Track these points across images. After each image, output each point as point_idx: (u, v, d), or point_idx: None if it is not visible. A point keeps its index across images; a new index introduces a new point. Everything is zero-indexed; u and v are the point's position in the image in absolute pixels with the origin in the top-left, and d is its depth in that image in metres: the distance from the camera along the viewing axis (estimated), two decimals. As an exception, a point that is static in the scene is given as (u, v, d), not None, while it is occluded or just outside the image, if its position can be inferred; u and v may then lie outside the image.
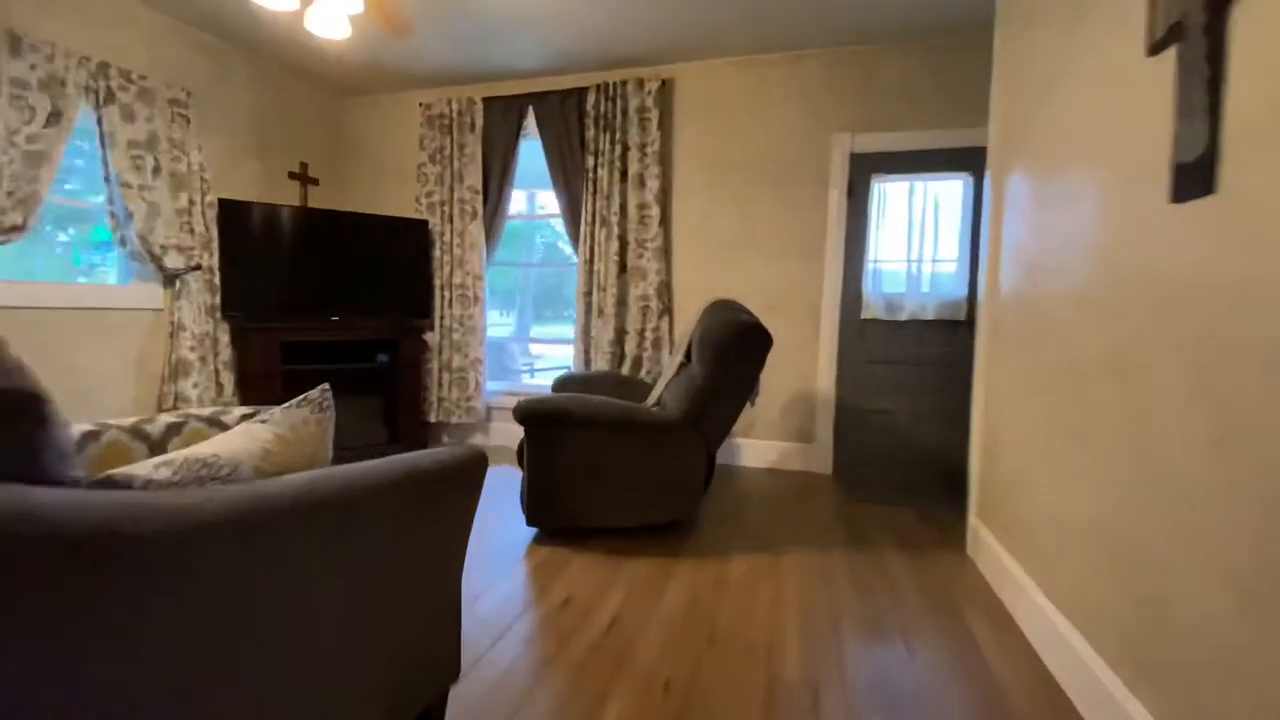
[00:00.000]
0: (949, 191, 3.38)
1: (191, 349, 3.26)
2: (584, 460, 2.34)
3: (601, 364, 3.69)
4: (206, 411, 1.18)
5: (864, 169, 3.45)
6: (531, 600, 1.98)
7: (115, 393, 3.05)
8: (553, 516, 2.41)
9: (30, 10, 2.59)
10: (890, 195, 3.46)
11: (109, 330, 3.01)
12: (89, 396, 2.93)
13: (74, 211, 3.13)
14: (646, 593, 2.02)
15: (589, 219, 3.71)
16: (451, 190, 3.98)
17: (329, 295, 3.72)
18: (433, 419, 4.06)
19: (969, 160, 3.26)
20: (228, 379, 3.46)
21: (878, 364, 3.50)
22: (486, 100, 3.92)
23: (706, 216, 3.66)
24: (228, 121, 3.56)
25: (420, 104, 4.04)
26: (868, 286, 3.48)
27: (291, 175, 4.02)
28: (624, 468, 2.35)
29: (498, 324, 5.15)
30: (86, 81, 2.77)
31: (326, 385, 1.11)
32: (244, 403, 3.50)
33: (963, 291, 3.36)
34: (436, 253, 4.04)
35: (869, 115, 3.39)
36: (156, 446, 1.04)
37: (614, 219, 3.63)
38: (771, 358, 3.51)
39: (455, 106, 3.93)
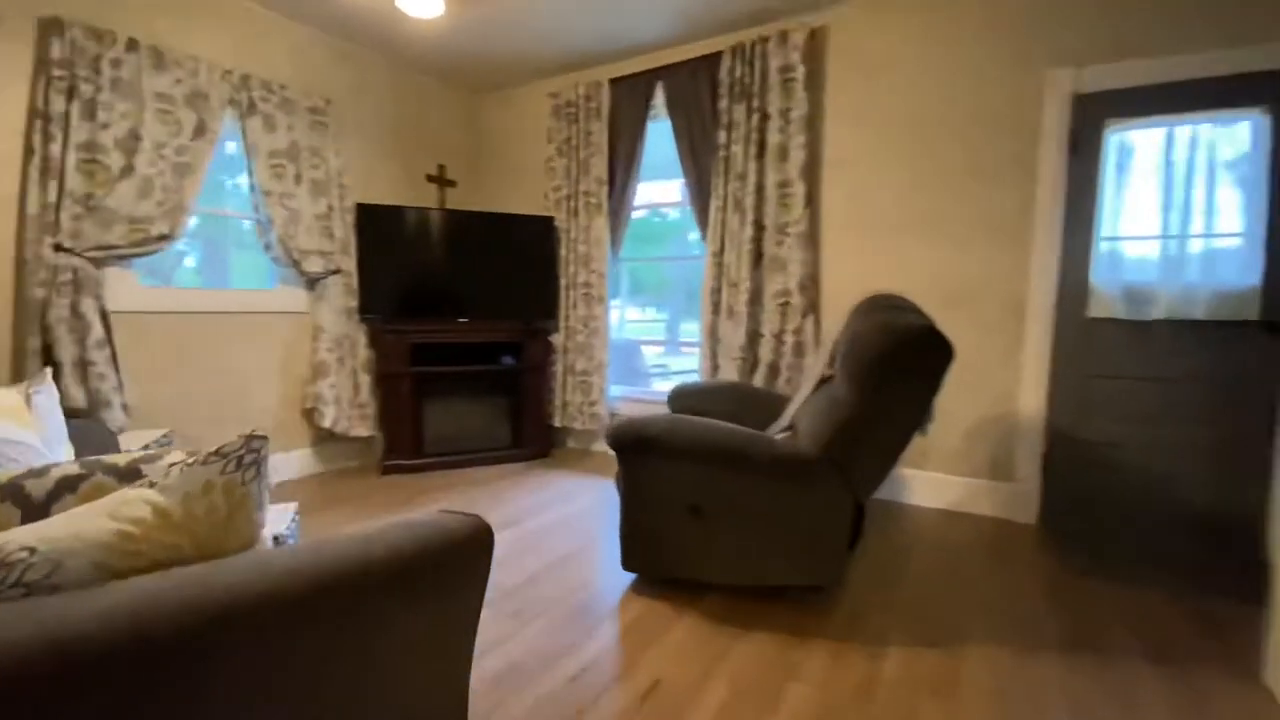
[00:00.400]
0: (1230, 137, 2.35)
1: (329, 350, 3.35)
2: (683, 498, 1.87)
3: (730, 372, 3.18)
4: (125, 460, 0.93)
5: (1093, 114, 2.52)
6: (613, 677, 1.57)
7: (264, 391, 3.21)
8: (651, 563, 1.98)
9: (173, 27, 2.75)
10: (1136, 147, 2.49)
11: (257, 332, 3.17)
12: (241, 393, 3.11)
13: (221, 220, 3.36)
14: (758, 693, 1.50)
15: (720, 203, 3.21)
16: (577, 183, 3.72)
17: (458, 297, 3.66)
18: (558, 423, 3.85)
19: (1262, 90, 2.23)
20: (364, 381, 3.53)
21: (1111, 379, 2.56)
22: (613, 82, 3.59)
23: (864, 192, 2.97)
24: (366, 127, 3.63)
25: (549, 94, 3.84)
26: (1098, 274, 2.56)
27: (429, 178, 4.05)
28: (735, 512, 1.84)
29: (640, 320, 4.85)
30: (230, 94, 2.90)
31: (261, 433, 0.78)
32: (381, 406, 3.55)
33: (1254, 278, 2.32)
34: (562, 251, 3.82)
35: (1101, 39, 2.47)
36: (36, 511, 0.81)
37: (749, 201, 3.09)
38: (955, 370, 2.74)
39: (582, 91, 3.66)
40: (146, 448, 2.16)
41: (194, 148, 2.74)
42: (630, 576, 2.10)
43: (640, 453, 1.88)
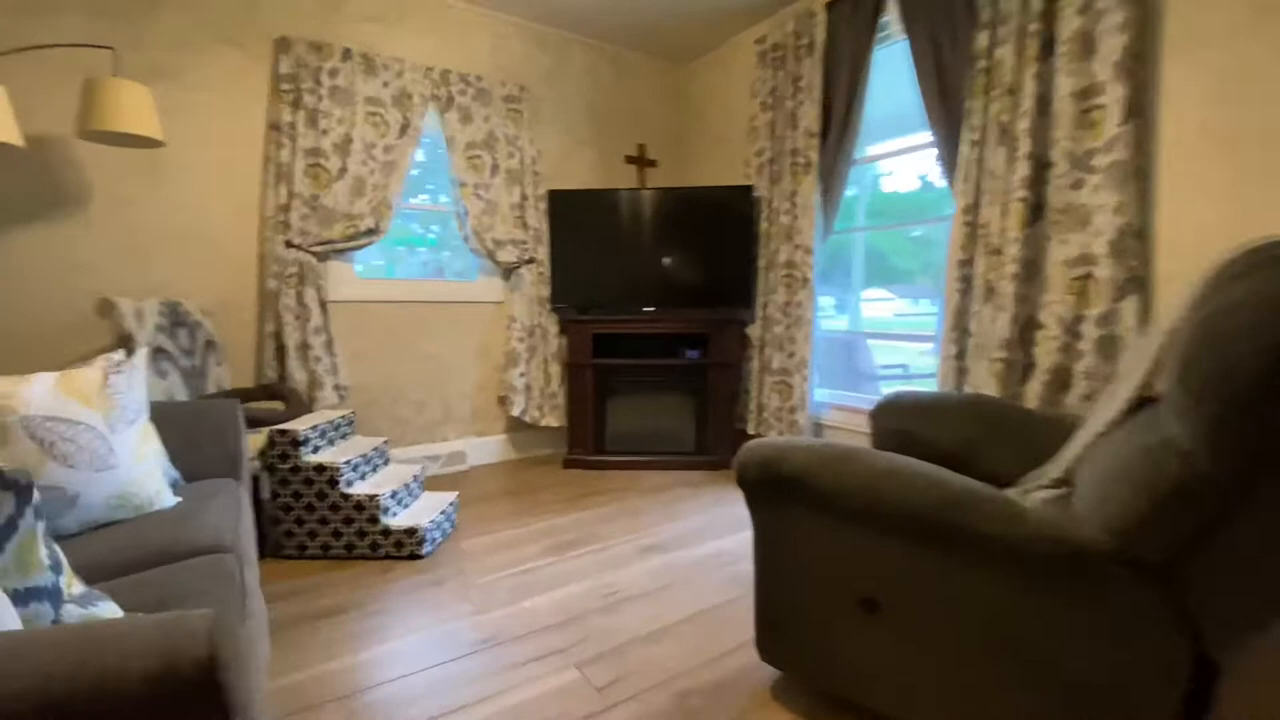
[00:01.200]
0: None
1: (520, 340, 3.32)
2: (846, 580, 1.17)
3: (986, 380, 2.21)
4: None
5: None
6: None
7: (462, 378, 3.32)
8: (796, 661, 1.32)
9: (380, 32, 2.91)
10: None
11: (460, 321, 3.28)
12: (442, 379, 3.25)
13: (420, 214, 3.54)
14: None
15: (975, 135, 2.25)
16: (783, 140, 3.07)
17: (645, 283, 3.34)
18: (751, 430, 3.26)
19: None
20: (555, 371, 3.44)
21: None
22: (830, 5, 2.84)
23: (1240, 88, 1.73)
24: (563, 112, 3.53)
25: (755, 41, 3.25)
26: None
27: (629, 159, 3.80)
28: (941, 620, 1.08)
29: (879, 300, 3.94)
30: (431, 90, 2.99)
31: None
32: (569, 396, 3.43)
33: None
34: (762, 224, 3.20)
35: None
36: None
37: (1022, 126, 2.08)
38: None
39: (791, 29, 2.99)
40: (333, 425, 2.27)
41: (399, 146, 2.89)
42: (771, 670, 1.46)
43: (772, 496, 1.24)
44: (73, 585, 0.84)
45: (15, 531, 0.74)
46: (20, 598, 0.73)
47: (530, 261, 3.34)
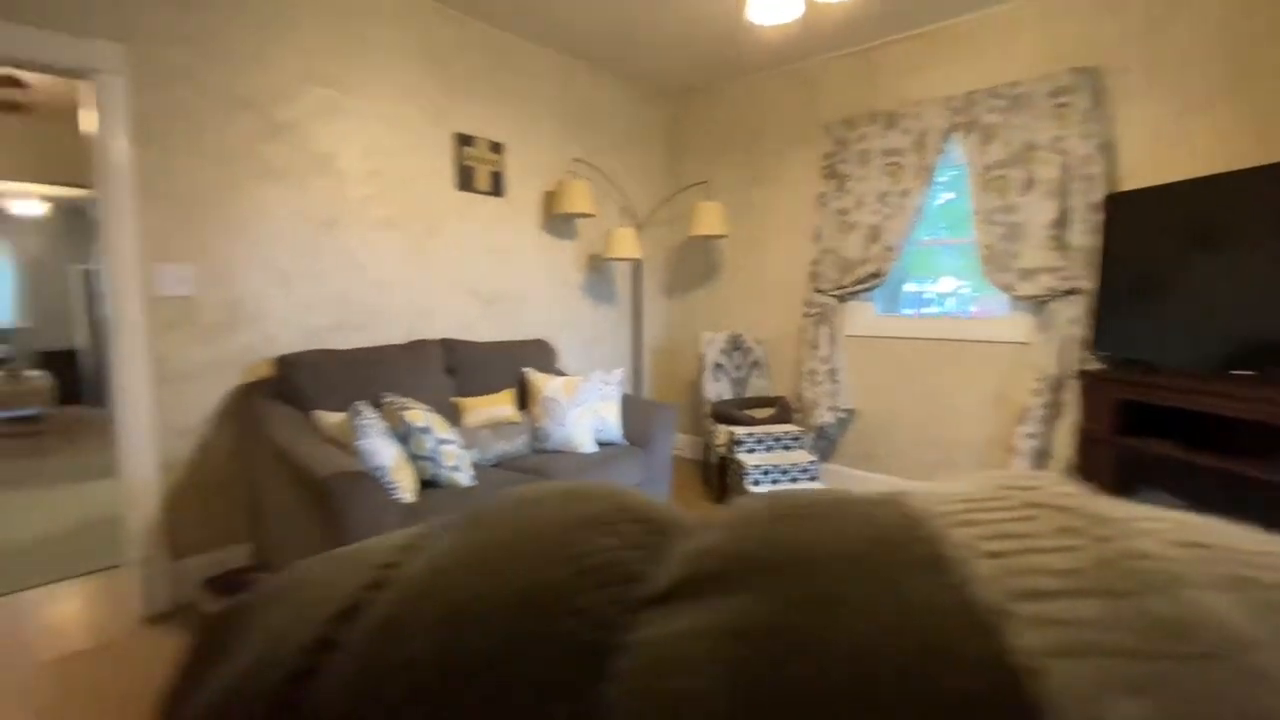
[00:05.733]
0: None
1: (1038, 392, 2.68)
2: None
3: None
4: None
5: None
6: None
7: (971, 424, 3.00)
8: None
9: (908, 83, 2.98)
10: None
11: (973, 363, 2.98)
12: (946, 421, 3.07)
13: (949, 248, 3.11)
14: None
15: None
16: None
17: (1251, 332, 1.99)
18: None
19: None
20: (1069, 439, 2.55)
21: None
22: None
23: None
24: (1161, 76, 2.40)
25: None
26: None
27: (1350, 98, 2.12)
28: None
29: None
30: (950, 121, 2.85)
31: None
32: (1080, 473, 2.50)
33: None
34: None
35: None
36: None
37: None
38: None
39: None
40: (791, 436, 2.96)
41: (912, 189, 2.99)
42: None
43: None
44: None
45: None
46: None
47: (1070, 293, 2.60)
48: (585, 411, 2.63)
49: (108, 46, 1.95)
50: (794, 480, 2.89)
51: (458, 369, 2.71)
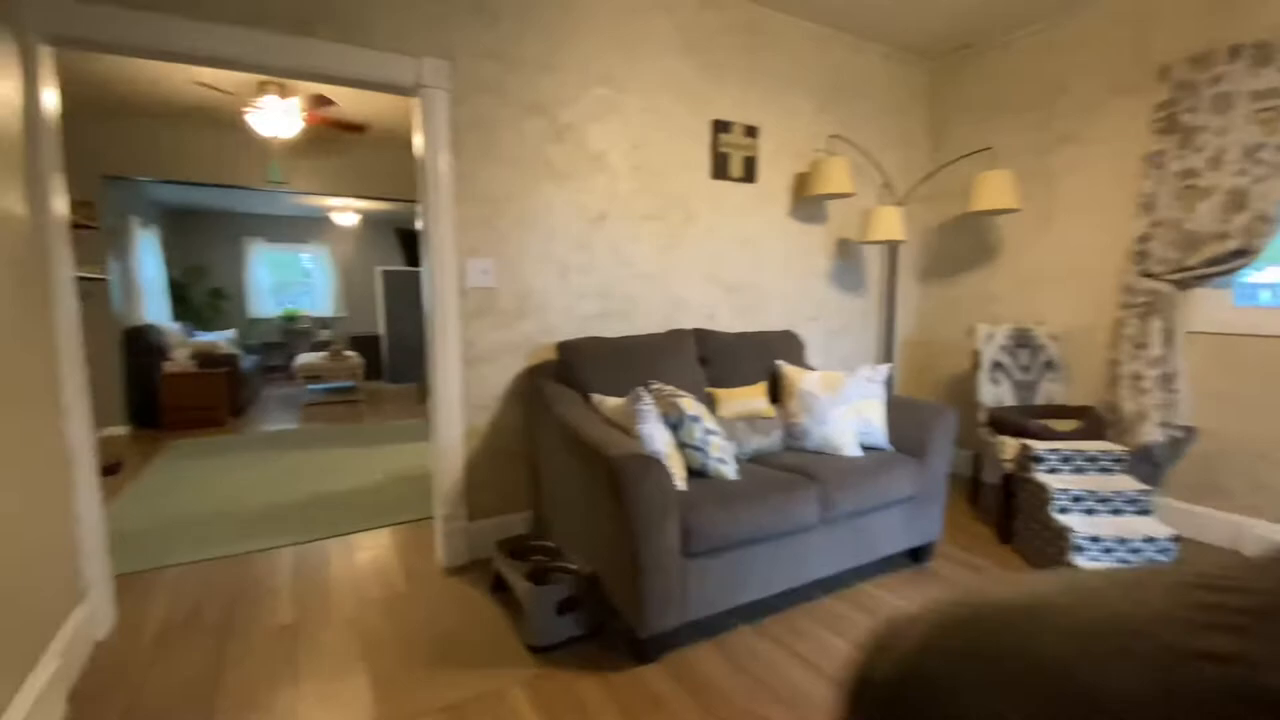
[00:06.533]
0: None
1: None
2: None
3: None
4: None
5: None
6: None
7: None
8: None
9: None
10: None
11: None
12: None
13: None
14: None
15: None
16: None
17: None
18: None
19: None
20: None
21: None
22: None
23: None
24: None
25: None
26: None
27: None
28: None
29: None
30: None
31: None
32: None
33: None
34: None
35: None
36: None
37: None
38: None
39: None
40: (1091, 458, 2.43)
41: (1303, 136, 2.21)
42: None
43: None
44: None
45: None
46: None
47: None
48: (849, 410, 2.40)
49: (437, 64, 2.23)
50: (1116, 512, 2.32)
51: (710, 359, 2.66)
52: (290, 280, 9.20)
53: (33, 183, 1.74)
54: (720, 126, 2.89)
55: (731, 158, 2.95)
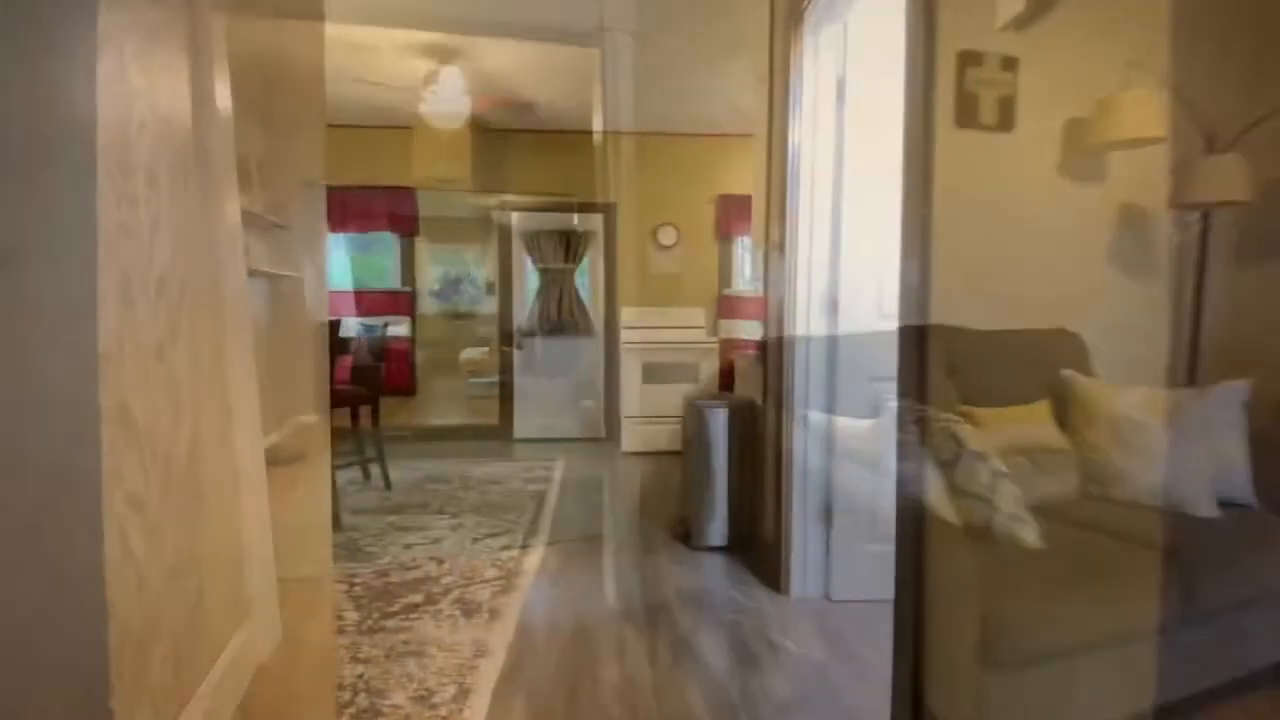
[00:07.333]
0: None
1: None
2: None
3: None
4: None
5: None
6: None
7: None
8: None
9: None
10: None
11: None
12: None
13: None
14: None
15: None
16: None
17: None
18: None
19: None
20: None
21: None
22: None
23: None
24: None
25: None
26: None
27: None
28: None
29: None
30: None
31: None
32: None
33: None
34: None
35: None
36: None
37: None
38: None
39: None
40: None
41: None
42: None
43: None
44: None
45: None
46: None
47: None
48: (1199, 449, 1.63)
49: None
50: None
51: (959, 367, 2.00)
52: (454, 277, 9.65)
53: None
54: (968, 59, 2.19)
55: (981, 100, 2.23)
